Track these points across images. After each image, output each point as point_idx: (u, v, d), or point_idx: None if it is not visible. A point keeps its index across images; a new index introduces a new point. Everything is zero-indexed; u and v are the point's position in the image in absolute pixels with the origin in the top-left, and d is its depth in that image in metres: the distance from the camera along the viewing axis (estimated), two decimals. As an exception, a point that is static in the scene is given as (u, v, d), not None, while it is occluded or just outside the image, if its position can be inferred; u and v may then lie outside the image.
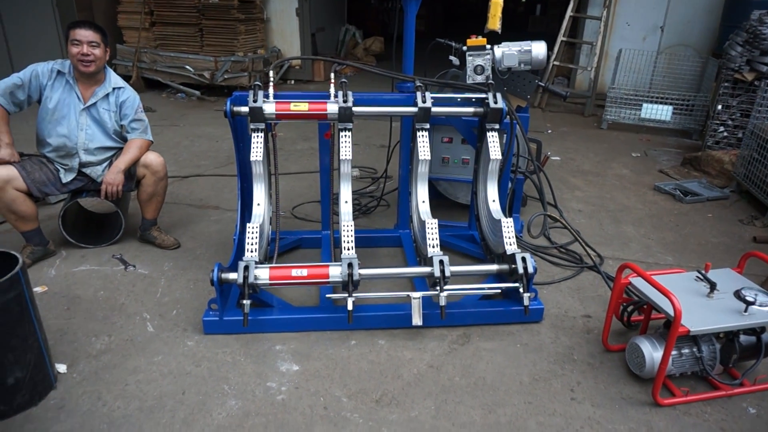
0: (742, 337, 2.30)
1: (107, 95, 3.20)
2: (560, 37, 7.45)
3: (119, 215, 3.37)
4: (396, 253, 3.50)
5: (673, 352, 2.29)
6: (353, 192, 4.38)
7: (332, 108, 2.79)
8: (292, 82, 9.08)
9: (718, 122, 5.39)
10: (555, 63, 7.56)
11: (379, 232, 3.67)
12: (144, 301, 2.88)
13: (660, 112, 6.57)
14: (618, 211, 4.27)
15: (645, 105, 6.65)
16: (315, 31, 9.47)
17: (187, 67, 7.80)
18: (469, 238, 3.51)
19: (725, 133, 5.38)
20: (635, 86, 6.99)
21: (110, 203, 3.27)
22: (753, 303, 2.22)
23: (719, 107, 5.32)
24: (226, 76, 7.73)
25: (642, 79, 7.25)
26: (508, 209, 3.80)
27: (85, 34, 3.02)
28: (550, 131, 6.59)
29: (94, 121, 3.21)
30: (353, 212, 4.02)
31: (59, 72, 3.12)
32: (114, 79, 3.24)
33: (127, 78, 8.09)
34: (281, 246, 3.33)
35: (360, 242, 3.50)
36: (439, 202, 4.16)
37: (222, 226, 3.78)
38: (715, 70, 6.11)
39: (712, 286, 2.33)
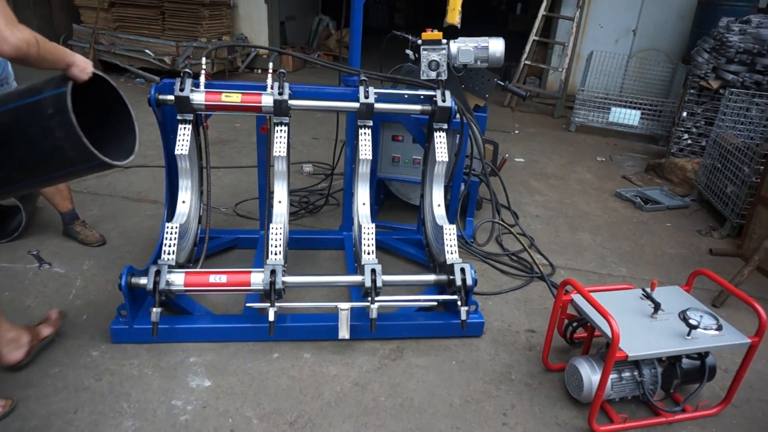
0: (685, 361, 2.17)
1: None
2: (532, 36, 7.32)
3: (19, 209, 3.06)
4: (338, 257, 3.30)
5: (613, 376, 2.15)
6: (303, 189, 4.18)
7: (267, 100, 2.58)
8: (260, 71, 8.77)
9: (682, 129, 5.31)
10: (526, 62, 7.42)
11: (322, 234, 3.47)
12: (53, 304, 2.62)
13: (628, 117, 6.48)
14: (576, 218, 4.13)
15: (614, 109, 6.56)
16: (285, 20, 9.17)
17: (147, 51, 7.44)
18: (417, 243, 3.33)
19: (689, 141, 5.30)
20: (606, 89, 6.90)
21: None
22: (697, 326, 2.08)
23: (684, 114, 5.24)
24: (187, 63, 7.41)
25: (613, 82, 7.17)
26: (462, 213, 3.64)
27: None
28: (517, 131, 6.45)
29: None
30: (300, 211, 3.83)
31: None
32: None
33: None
34: (215, 246, 3.12)
35: (302, 244, 3.32)
36: (392, 202, 3.99)
37: (156, 222, 3.52)
38: (684, 77, 6.03)
39: (657, 306, 2.19)
